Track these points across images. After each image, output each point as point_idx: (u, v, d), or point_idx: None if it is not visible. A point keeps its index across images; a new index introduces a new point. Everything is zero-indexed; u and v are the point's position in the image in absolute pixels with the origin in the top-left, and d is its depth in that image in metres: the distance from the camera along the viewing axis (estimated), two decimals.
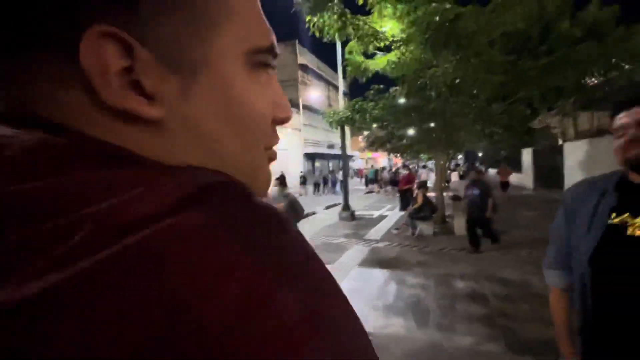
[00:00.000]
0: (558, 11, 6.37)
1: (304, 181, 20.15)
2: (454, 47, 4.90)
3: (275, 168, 1.76)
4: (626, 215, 0.87)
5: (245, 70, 0.23)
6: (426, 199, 6.87)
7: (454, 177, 18.58)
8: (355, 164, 39.77)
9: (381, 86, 7.41)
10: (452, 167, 25.42)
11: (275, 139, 0.28)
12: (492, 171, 25.14)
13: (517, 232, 6.76)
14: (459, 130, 8.18)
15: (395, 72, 6.81)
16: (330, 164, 35.41)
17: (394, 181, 16.56)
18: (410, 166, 26.93)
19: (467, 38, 4.84)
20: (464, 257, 5.21)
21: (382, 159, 40.22)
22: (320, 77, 34.01)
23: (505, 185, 11.96)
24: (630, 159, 0.87)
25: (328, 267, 0.21)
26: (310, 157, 30.61)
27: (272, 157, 0.28)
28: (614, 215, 0.89)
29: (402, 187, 9.18)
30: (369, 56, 7.44)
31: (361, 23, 6.34)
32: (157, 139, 0.21)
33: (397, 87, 7.09)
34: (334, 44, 8.27)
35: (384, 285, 4.15)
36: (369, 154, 40.27)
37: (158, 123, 0.21)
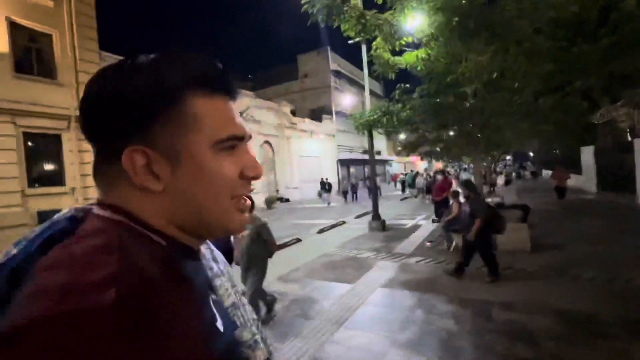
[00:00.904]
0: None
1: (328, 188, 17.71)
2: (487, 36, 4.24)
3: (311, 174, 20.64)
4: None
5: (213, 152, 0.40)
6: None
7: (500, 181, 16.94)
8: (392, 169, 38.49)
9: (407, 85, 6.81)
10: (498, 169, 23.36)
11: (243, 189, 0.43)
12: (546, 173, 22.69)
13: (577, 247, 5.74)
14: (500, 130, 7.30)
15: (426, 69, 6.22)
16: (366, 170, 34.64)
17: (429, 188, 15.57)
18: (452, 170, 25.27)
19: (505, 25, 4.15)
20: (508, 278, 4.44)
21: (421, 163, 38.46)
22: (353, 82, 33.62)
23: (561, 191, 10.55)
24: None
25: (348, 287, 0.70)
26: (345, 163, 30.16)
27: (241, 205, 0.44)
28: None
29: (436, 197, 8.10)
30: (397, 53, 6.93)
31: (382, 22, 5.87)
32: (159, 200, 0.40)
33: (424, 86, 6.46)
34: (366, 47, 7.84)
35: (409, 314, 3.60)
36: (406, 158, 38.76)
37: (161, 192, 0.39)
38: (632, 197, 9.67)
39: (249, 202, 0.44)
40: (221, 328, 0.40)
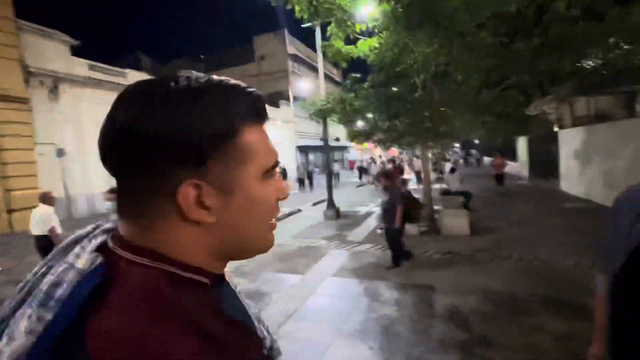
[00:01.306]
0: None
1: (283, 175, 17.91)
2: (432, 27, 4.32)
3: None
4: None
5: (260, 181, 0.41)
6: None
7: (446, 168, 18.03)
8: (351, 155, 39.14)
9: (358, 75, 6.82)
10: (447, 157, 24.86)
11: (277, 212, 0.45)
12: (488, 160, 24.64)
13: (510, 230, 6.30)
14: (447, 121, 7.65)
15: (377, 59, 6.23)
16: (335, 155, 34.83)
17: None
18: (405, 156, 26.27)
19: (448, 17, 4.25)
20: (447, 262, 4.74)
21: (379, 150, 39.58)
22: (312, 67, 33.12)
23: (499, 177, 11.17)
24: None
25: (298, 278, 2.22)
26: (304, 150, 30.03)
27: (274, 226, 0.45)
28: None
29: (384, 184, 8.37)
30: (351, 41, 6.85)
31: (335, 7, 5.73)
32: (207, 234, 0.39)
33: (375, 75, 6.50)
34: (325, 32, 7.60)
35: (356, 302, 3.68)
36: (364, 145, 39.62)
37: (213, 224, 0.38)
38: (557, 182, 10.87)
39: (276, 222, 0.46)
40: (264, 337, 0.48)
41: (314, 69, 32.32)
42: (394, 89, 6.03)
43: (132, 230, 0.37)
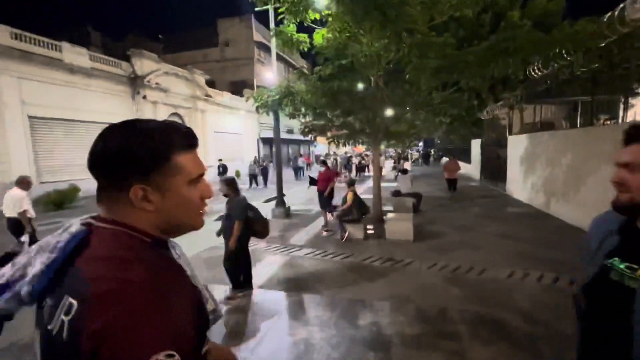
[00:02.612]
0: (509, 1, 5.69)
1: (223, 172, 14.97)
2: (379, 17, 3.96)
3: (230, 153, 21.97)
4: (623, 263, 0.91)
5: (187, 185, 0.65)
6: (357, 199, 6.10)
7: (408, 166, 18.32)
8: (317, 150, 38.76)
9: (304, 66, 6.35)
10: (407, 155, 25.34)
11: (203, 205, 0.69)
12: (445, 160, 25.50)
13: (453, 234, 6.24)
14: (400, 121, 7.47)
15: (330, 49, 5.80)
16: (290, 150, 34.09)
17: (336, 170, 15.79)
18: (366, 154, 26.42)
19: (395, 9, 3.92)
20: (386, 271, 4.49)
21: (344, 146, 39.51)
22: (279, 56, 32.02)
23: (452, 182, 10.28)
24: (615, 204, 0.91)
25: (223, 289, 2.30)
26: (267, 142, 29.08)
27: (204, 212, 0.70)
28: (614, 258, 0.94)
29: (321, 188, 6.97)
30: (306, 30, 6.36)
31: None
32: (152, 216, 0.63)
33: (320, 67, 6.08)
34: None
35: (275, 321, 3.27)
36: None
37: (153, 211, 0.63)
38: (504, 186, 11.28)
39: (207, 208, 0.71)
40: (207, 298, 0.73)
41: (282, 59, 31.34)
42: (343, 83, 5.64)
43: (106, 212, 0.63)
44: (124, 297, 0.50)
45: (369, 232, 6.45)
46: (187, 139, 0.66)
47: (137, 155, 0.59)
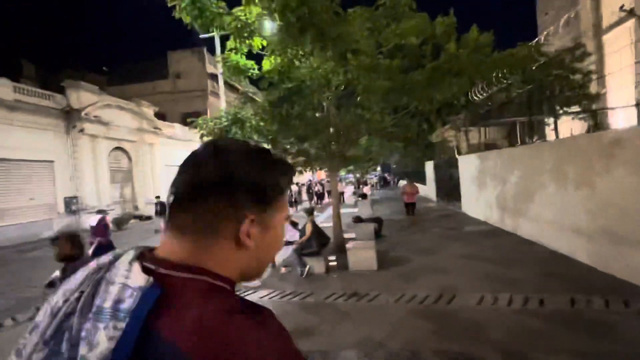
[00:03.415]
0: (446, 33, 6.03)
1: (160, 210, 12.17)
2: (316, 36, 3.81)
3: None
4: None
5: (283, 223, 0.57)
6: (316, 229, 5.67)
7: (367, 190, 18.42)
8: None
9: (250, 91, 6.07)
10: (366, 180, 25.79)
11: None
12: (403, 183, 26.35)
13: (417, 259, 5.99)
14: (354, 145, 7.36)
15: (273, 73, 5.56)
16: None
17: (291, 201, 15.41)
18: (327, 180, 26.47)
19: (333, 26, 3.79)
20: (351, 309, 4.02)
21: (307, 173, 39.42)
22: (231, 87, 31.88)
23: (410, 207, 9.69)
24: None
25: None
26: None
27: None
28: None
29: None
30: (255, 57, 6.10)
31: (222, 10, 4.93)
32: (245, 257, 0.51)
33: (267, 91, 5.82)
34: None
35: None
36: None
37: (251, 249, 0.51)
38: (459, 204, 11.61)
39: None
40: None
41: (236, 89, 31.19)
42: (295, 108, 5.38)
43: (186, 249, 0.48)
44: None
45: (331, 264, 5.99)
46: (291, 175, 0.59)
47: (261, 182, 0.52)
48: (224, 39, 6.83)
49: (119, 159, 18.29)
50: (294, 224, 6.31)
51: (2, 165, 12.51)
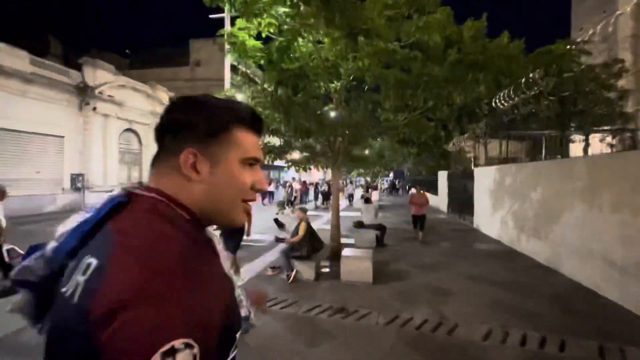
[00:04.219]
0: (474, 38, 5.41)
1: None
2: (319, 5, 3.29)
3: None
4: None
5: (240, 164, 0.60)
6: (309, 231, 5.15)
7: (375, 195, 17.77)
8: (288, 175, 37.68)
9: (248, 70, 5.59)
10: (376, 184, 25.07)
11: (251, 196, 0.63)
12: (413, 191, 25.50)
13: (417, 276, 5.39)
14: (365, 143, 6.81)
15: (272, 49, 5.06)
16: (271, 175, 32.64)
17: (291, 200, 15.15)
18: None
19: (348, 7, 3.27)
20: (334, 328, 3.48)
21: (317, 171, 38.75)
22: (252, 81, 31.65)
23: (420, 220, 8.21)
24: None
25: None
26: None
27: (248, 209, 0.63)
28: None
29: None
30: (266, 40, 5.65)
31: None
32: (198, 187, 0.58)
33: (265, 74, 5.30)
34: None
35: None
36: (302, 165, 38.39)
37: (199, 181, 0.58)
38: (472, 219, 10.85)
39: (251, 207, 0.67)
40: (241, 300, 0.67)
41: (254, 82, 30.93)
42: (297, 96, 4.88)
43: (152, 182, 0.60)
44: (151, 261, 0.45)
45: (322, 270, 5.47)
46: (253, 119, 0.64)
47: (196, 119, 0.59)
48: (234, 21, 6.39)
49: (129, 141, 18.26)
50: (280, 225, 5.83)
51: (13, 137, 12.52)
